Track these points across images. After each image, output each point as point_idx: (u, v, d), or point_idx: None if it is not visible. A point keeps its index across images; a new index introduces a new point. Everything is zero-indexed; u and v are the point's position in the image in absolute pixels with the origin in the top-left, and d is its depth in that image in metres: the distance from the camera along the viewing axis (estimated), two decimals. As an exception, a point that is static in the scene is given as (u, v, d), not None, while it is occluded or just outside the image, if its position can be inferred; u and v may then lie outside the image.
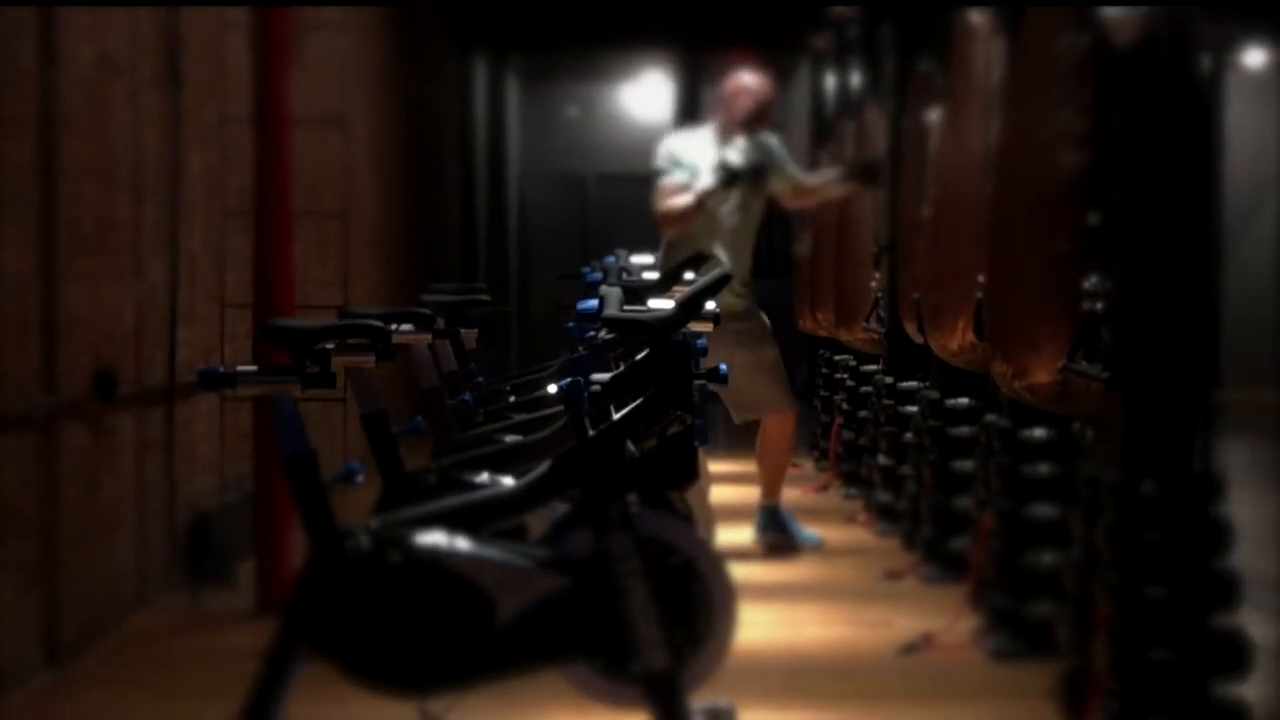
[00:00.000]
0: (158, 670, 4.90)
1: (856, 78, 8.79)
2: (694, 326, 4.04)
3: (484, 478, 4.18)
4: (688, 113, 15.67)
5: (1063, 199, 4.02)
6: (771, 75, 7.16)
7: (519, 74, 16.55)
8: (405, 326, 4.63)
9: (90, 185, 5.08)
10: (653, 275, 5.43)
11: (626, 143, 16.44)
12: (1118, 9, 3.83)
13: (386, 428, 4.24)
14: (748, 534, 6.97)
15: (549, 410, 4.94)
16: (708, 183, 6.81)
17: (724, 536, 6.33)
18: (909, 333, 6.57)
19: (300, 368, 3.43)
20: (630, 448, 3.40)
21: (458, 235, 14.76)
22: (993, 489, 5.03)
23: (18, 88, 4.57)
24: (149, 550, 5.62)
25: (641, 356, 3.83)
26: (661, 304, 4.06)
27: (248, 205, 5.87)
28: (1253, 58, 13.73)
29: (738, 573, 3.61)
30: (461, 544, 3.30)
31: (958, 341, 5.30)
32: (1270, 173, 14.14)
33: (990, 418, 5.08)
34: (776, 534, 6.92)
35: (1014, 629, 4.90)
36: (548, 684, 3.49)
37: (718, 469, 7.44)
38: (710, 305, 4.08)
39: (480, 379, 5.62)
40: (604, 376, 3.78)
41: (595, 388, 3.63)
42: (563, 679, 3.43)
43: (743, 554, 6.61)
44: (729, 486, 8.13)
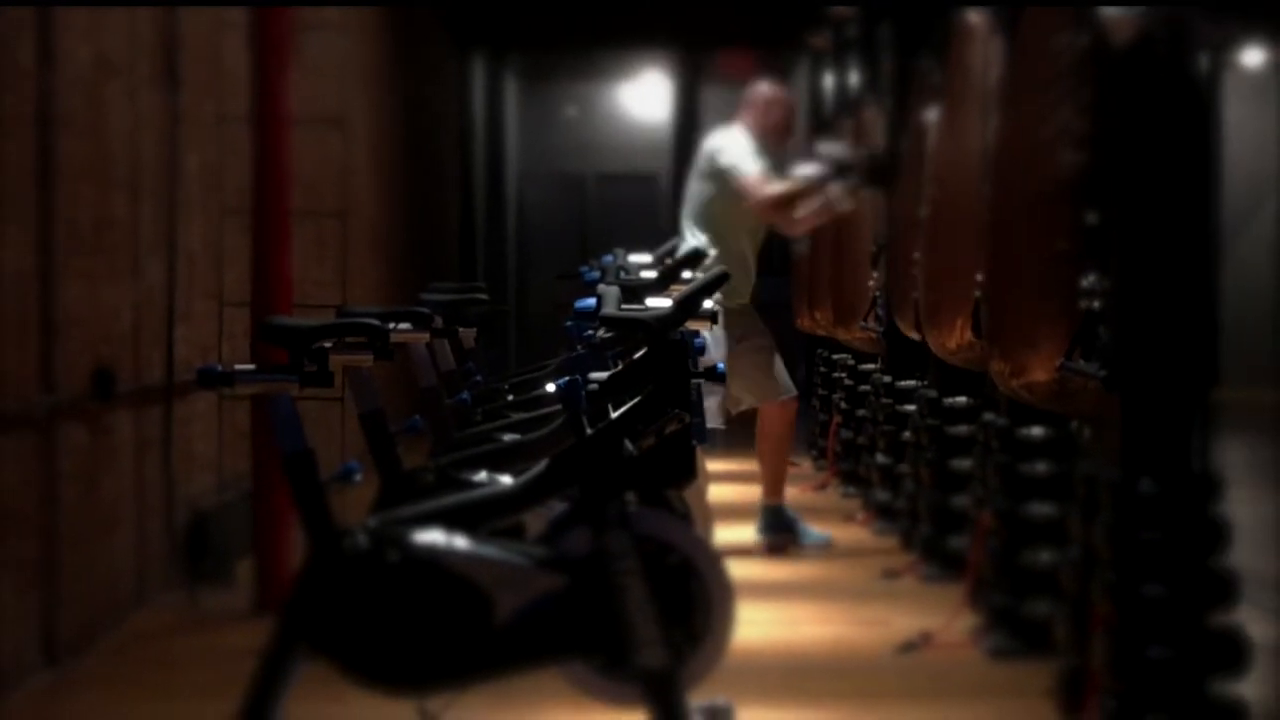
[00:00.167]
0: (157, 669, 4.90)
1: (855, 77, 8.79)
2: (691, 325, 4.04)
3: (482, 476, 4.18)
4: (686, 112, 15.68)
5: (1061, 198, 4.02)
6: (760, 76, 7.20)
7: (518, 73, 16.55)
8: (403, 325, 4.63)
9: (88, 184, 5.08)
10: (650, 274, 5.44)
11: (625, 142, 16.44)
12: (1116, 8, 3.83)
13: (384, 426, 4.24)
14: (746, 532, 6.96)
15: (547, 409, 4.94)
16: (809, 172, 6.86)
17: (722, 535, 6.33)
18: (904, 330, 6.57)
19: (298, 366, 3.44)
20: (628, 446, 3.40)
21: (456, 235, 14.76)
22: (991, 488, 5.03)
23: (15, 87, 4.57)
24: (148, 549, 5.62)
25: (639, 355, 3.83)
26: (659, 303, 4.06)
27: (246, 204, 5.87)
28: (1251, 57, 13.73)
29: (736, 571, 3.61)
30: (459, 543, 3.30)
31: (956, 340, 5.31)
32: (1269, 172, 14.12)
33: (988, 416, 5.08)
34: (781, 534, 6.86)
35: (1012, 628, 4.90)
36: (546, 682, 3.49)
37: (716, 467, 7.44)
38: (708, 304, 4.08)
39: (478, 378, 5.63)
40: (602, 375, 3.78)
41: (593, 386, 3.64)
42: (561, 677, 3.43)
43: (741, 552, 6.61)
44: (727, 485, 8.13)
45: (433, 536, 3.30)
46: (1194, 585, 3.71)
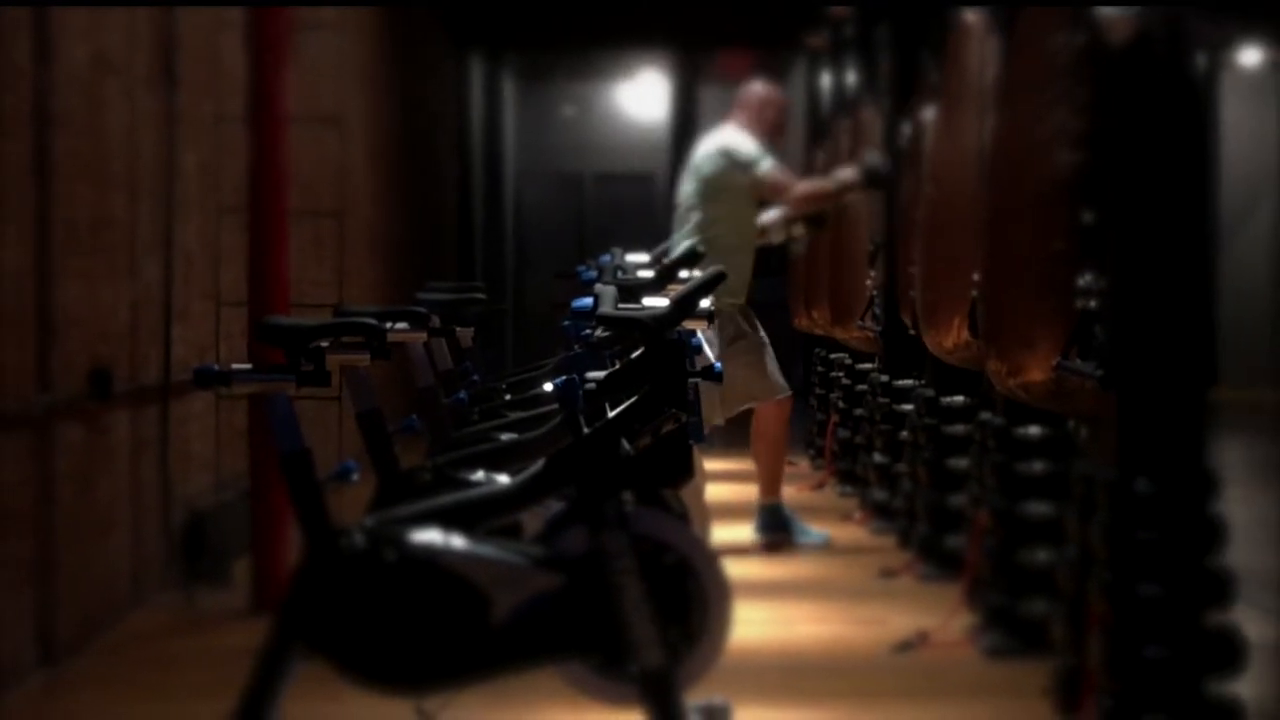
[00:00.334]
0: (153, 669, 4.90)
1: (852, 76, 8.80)
2: (688, 324, 4.04)
3: (479, 476, 4.18)
4: (684, 112, 15.68)
5: (1058, 198, 4.02)
6: (758, 75, 7.22)
7: (515, 73, 16.55)
8: (401, 325, 4.63)
9: (85, 184, 5.08)
10: (648, 273, 5.43)
11: (623, 142, 16.44)
12: (1113, 8, 3.83)
13: (382, 426, 4.24)
14: (743, 532, 6.96)
15: (544, 408, 4.94)
16: (851, 176, 6.94)
17: (719, 534, 6.33)
18: (909, 325, 6.57)
19: (295, 366, 3.43)
20: (625, 446, 3.40)
21: (454, 234, 14.76)
22: (987, 487, 5.03)
23: (13, 86, 4.57)
24: (144, 549, 5.62)
25: (636, 355, 3.83)
26: (656, 302, 4.06)
27: (243, 204, 5.87)
28: (1248, 57, 13.73)
29: (733, 570, 3.61)
30: (456, 542, 3.30)
31: (953, 339, 5.31)
32: (1266, 171, 14.14)
33: (985, 415, 5.08)
34: (778, 534, 6.87)
35: (1009, 627, 4.90)
36: (543, 682, 3.49)
37: (713, 467, 7.45)
38: (705, 303, 4.08)
39: (475, 377, 5.63)
40: (599, 375, 3.78)
41: (590, 386, 3.63)
42: (558, 677, 3.43)
43: (738, 551, 6.61)
44: (724, 484, 8.13)
45: (430, 536, 3.30)
46: (1190, 585, 3.71)
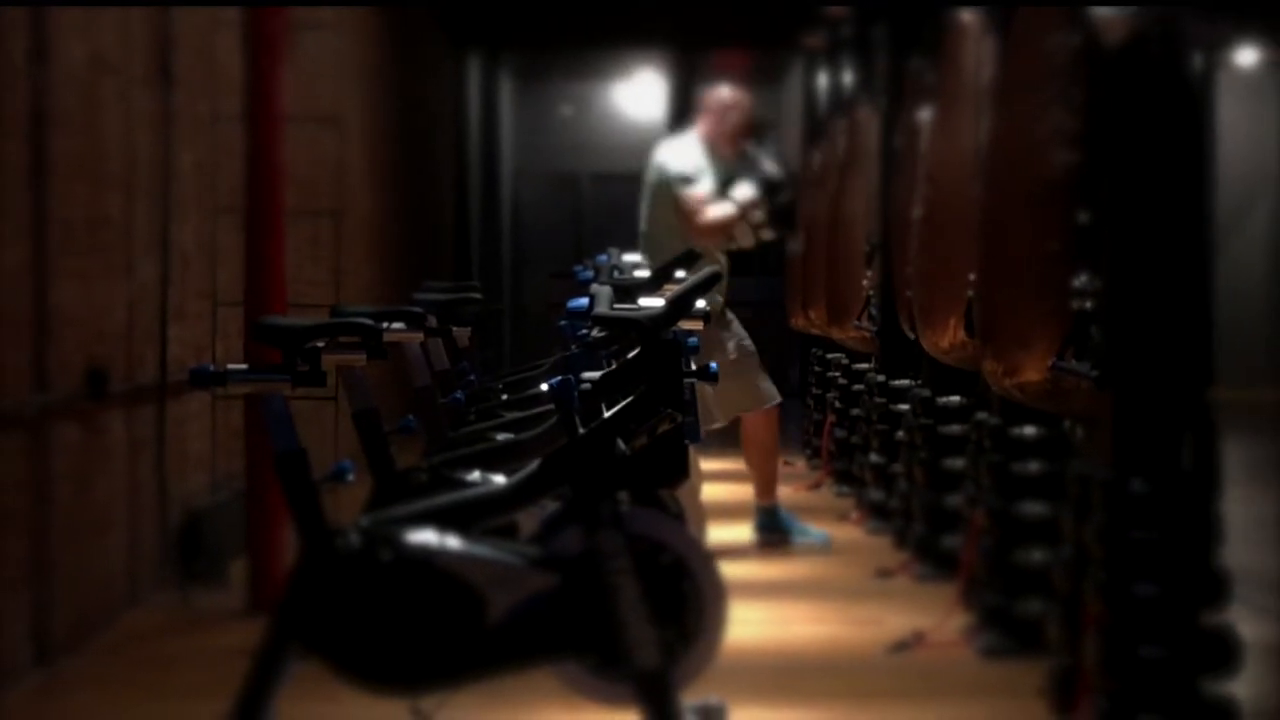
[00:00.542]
0: (150, 669, 4.90)
1: (849, 77, 8.80)
2: (684, 325, 4.04)
3: (475, 476, 4.18)
4: (681, 112, 15.68)
5: (1053, 198, 4.02)
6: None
7: (513, 72, 16.55)
8: (397, 325, 4.63)
9: (81, 183, 5.08)
10: (644, 273, 5.44)
11: (620, 142, 16.45)
12: (1108, 8, 3.83)
13: (378, 426, 4.24)
14: (739, 532, 6.97)
15: (541, 408, 4.94)
16: (749, 193, 6.87)
17: (715, 534, 6.33)
18: (904, 329, 6.57)
19: (291, 366, 3.43)
20: (621, 446, 3.40)
21: (451, 234, 14.76)
22: (983, 487, 5.03)
23: (9, 85, 4.57)
24: (141, 549, 5.62)
25: (633, 355, 3.83)
26: (652, 302, 4.06)
27: (240, 203, 5.87)
28: (1244, 57, 13.74)
29: (728, 570, 3.61)
30: (452, 542, 3.30)
31: (949, 339, 5.31)
32: (1263, 171, 14.15)
33: (981, 416, 5.08)
34: (775, 534, 6.89)
35: (1005, 627, 4.90)
36: (539, 682, 3.50)
37: (710, 467, 7.45)
38: (701, 303, 4.08)
39: (472, 377, 5.62)
40: (594, 375, 3.78)
41: (586, 386, 3.64)
42: (553, 677, 3.43)
43: (734, 552, 6.61)
44: (721, 484, 8.13)
45: (425, 536, 3.30)
46: (1186, 585, 3.71)
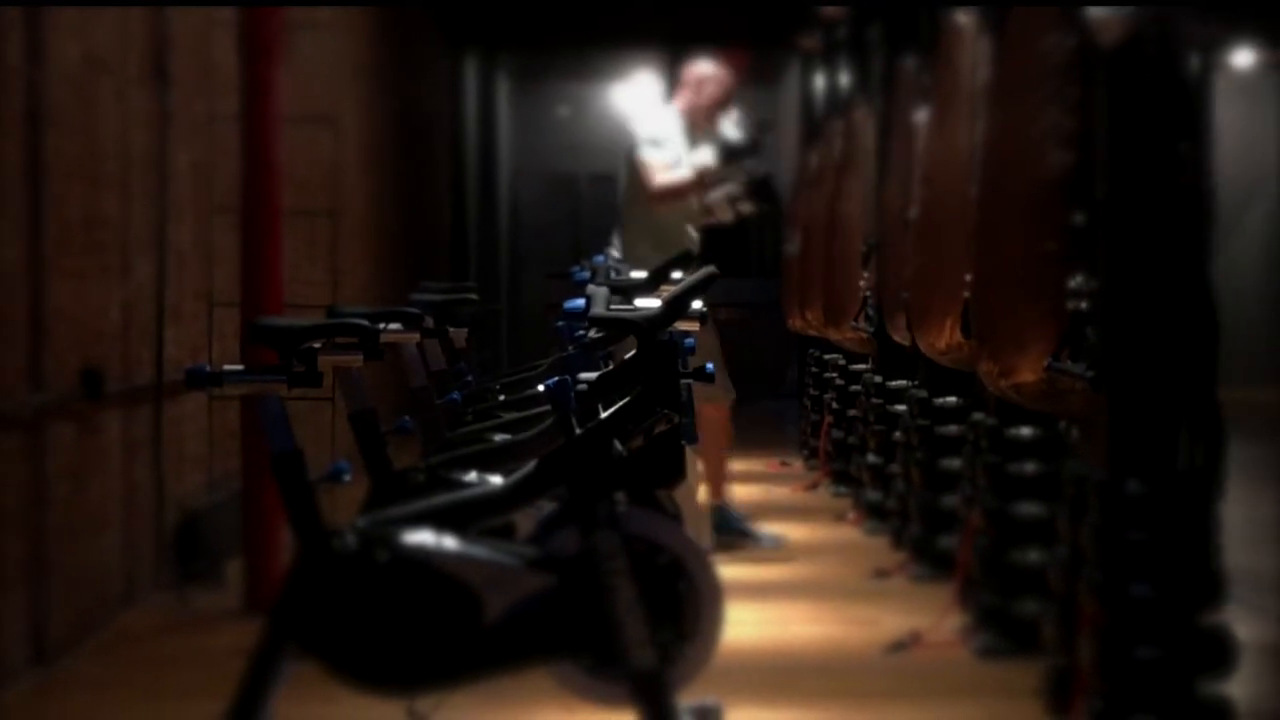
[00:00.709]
0: (146, 669, 4.90)
1: (845, 78, 8.80)
2: (681, 326, 4.05)
3: (472, 477, 4.18)
4: (678, 112, 15.68)
5: (1049, 199, 4.03)
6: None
7: (510, 73, 16.55)
8: (394, 325, 4.63)
9: (77, 183, 5.08)
10: (640, 274, 5.44)
11: (618, 143, 16.41)
12: (1104, 8, 3.84)
13: (375, 426, 4.24)
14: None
15: (538, 409, 4.94)
16: (707, 159, 6.88)
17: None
18: (893, 332, 6.58)
19: (287, 366, 3.44)
20: (617, 446, 3.40)
21: (448, 234, 14.76)
22: (980, 487, 5.03)
23: (5, 85, 4.57)
24: (137, 549, 5.62)
25: (629, 355, 3.83)
26: (649, 303, 4.06)
27: (236, 203, 5.87)
28: (1241, 58, 13.75)
29: (725, 571, 3.61)
30: (449, 543, 3.30)
31: (945, 340, 5.31)
32: (1259, 172, 14.16)
33: (977, 416, 5.09)
34: (728, 534, 6.86)
35: (1001, 627, 4.91)
36: (535, 683, 3.50)
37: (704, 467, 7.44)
38: (697, 304, 4.09)
39: (469, 378, 5.62)
40: (591, 375, 3.78)
41: (582, 386, 3.64)
42: (550, 677, 3.43)
43: (730, 552, 6.62)
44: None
45: (422, 537, 3.30)
46: (1182, 585, 3.71)
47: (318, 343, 3.52)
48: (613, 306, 4.13)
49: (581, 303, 4.74)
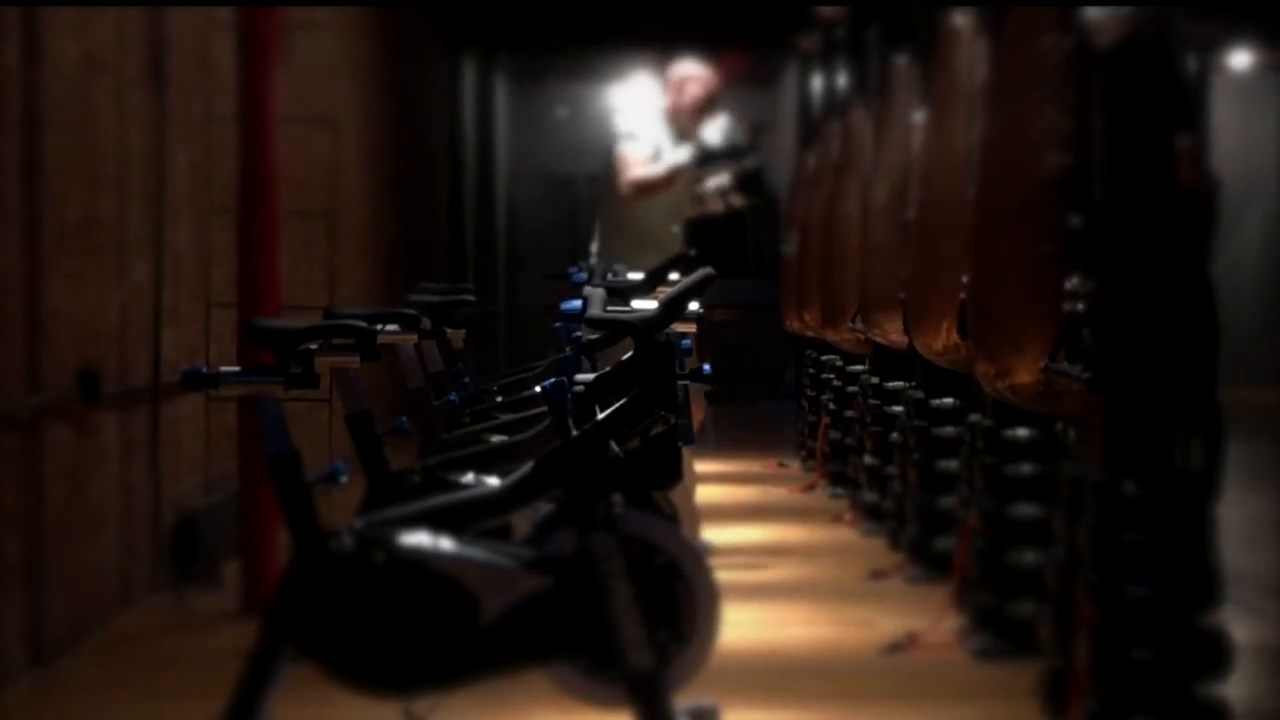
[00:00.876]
0: (143, 670, 4.90)
1: (843, 79, 8.80)
2: (678, 327, 4.05)
3: (469, 478, 4.18)
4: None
5: (1046, 200, 4.03)
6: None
7: (508, 74, 16.55)
8: (391, 327, 4.64)
9: (75, 184, 5.08)
10: (637, 275, 5.44)
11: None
12: (1101, 9, 3.84)
13: (371, 428, 4.24)
14: (733, 534, 6.97)
15: (535, 410, 4.94)
16: (683, 158, 6.89)
17: (709, 536, 6.34)
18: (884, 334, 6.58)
19: (285, 368, 3.44)
20: (614, 448, 3.40)
21: (446, 235, 14.76)
22: (976, 489, 5.03)
23: (2, 86, 4.57)
24: (134, 550, 5.62)
25: (626, 357, 3.83)
26: (646, 304, 4.06)
27: (234, 204, 5.87)
28: (1238, 59, 13.76)
29: (722, 573, 3.61)
30: (445, 544, 3.30)
31: (942, 342, 5.31)
32: (1257, 173, 14.18)
33: (974, 418, 5.09)
34: None
35: (997, 628, 4.91)
36: (532, 684, 3.50)
37: (704, 469, 7.45)
38: (694, 305, 4.09)
39: (466, 379, 5.63)
40: (588, 377, 3.79)
41: (579, 388, 3.64)
42: (547, 679, 3.43)
43: (727, 553, 6.62)
44: (715, 486, 8.14)
45: (419, 538, 3.30)
46: (1178, 587, 3.71)
47: (315, 344, 3.52)
48: (609, 308, 4.13)
49: (579, 304, 4.74)
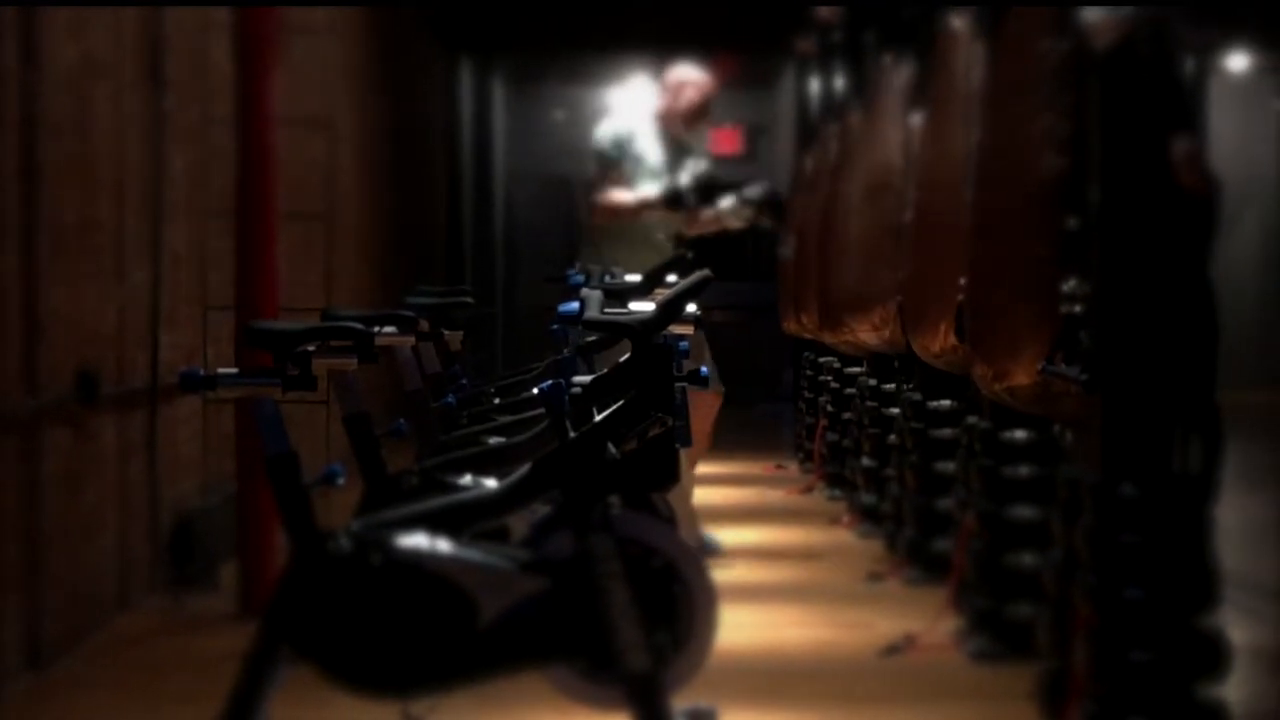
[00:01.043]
0: (141, 673, 4.90)
1: (840, 81, 8.81)
2: (675, 329, 4.05)
3: (466, 480, 4.18)
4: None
5: (1044, 202, 4.03)
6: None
7: (505, 77, 16.55)
8: (388, 329, 4.63)
9: (72, 186, 5.08)
10: (635, 278, 5.44)
11: (613, 145, 16.44)
12: (1098, 11, 3.84)
13: (369, 430, 4.24)
14: (731, 535, 6.97)
15: (533, 412, 4.94)
16: (653, 195, 6.85)
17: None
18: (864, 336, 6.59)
19: (282, 370, 3.44)
20: (611, 450, 3.40)
21: (443, 237, 14.76)
22: (974, 490, 5.04)
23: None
24: (131, 552, 5.62)
25: (623, 359, 3.83)
26: (643, 306, 4.06)
27: (231, 207, 5.87)
28: (1235, 61, 13.77)
29: (719, 574, 3.61)
30: (443, 546, 3.30)
31: (939, 344, 5.32)
32: (1254, 176, 14.19)
33: (971, 420, 5.09)
34: None
35: (994, 630, 4.91)
36: (529, 686, 3.50)
37: (702, 470, 7.45)
38: (691, 308, 4.09)
39: (464, 381, 5.62)
40: (585, 379, 3.78)
41: (576, 390, 3.64)
42: (544, 681, 3.43)
43: (725, 555, 6.62)
44: (713, 488, 8.14)
45: (416, 540, 3.30)
46: (1176, 588, 3.71)
47: (312, 346, 3.52)
48: (606, 310, 4.13)
49: (576, 306, 4.74)
